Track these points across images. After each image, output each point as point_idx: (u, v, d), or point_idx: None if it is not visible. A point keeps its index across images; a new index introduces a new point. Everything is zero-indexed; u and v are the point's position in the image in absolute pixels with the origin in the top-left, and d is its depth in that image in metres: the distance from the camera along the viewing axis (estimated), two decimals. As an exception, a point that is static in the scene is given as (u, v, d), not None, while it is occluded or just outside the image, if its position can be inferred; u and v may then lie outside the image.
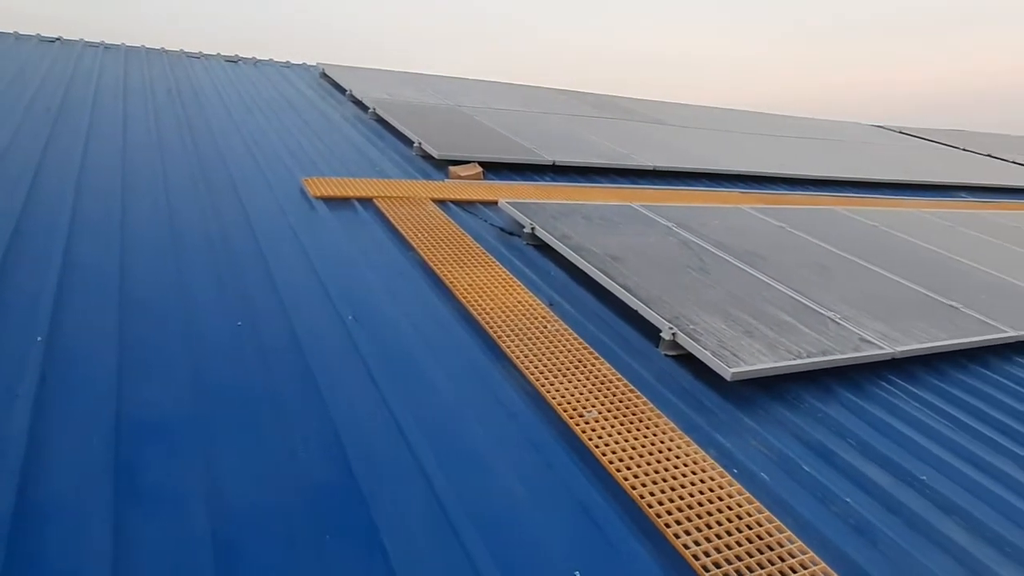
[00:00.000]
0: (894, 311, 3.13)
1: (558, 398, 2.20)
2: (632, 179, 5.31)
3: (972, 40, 25.17)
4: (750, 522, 1.81)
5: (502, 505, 1.73)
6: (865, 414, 2.45)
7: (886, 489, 2.07)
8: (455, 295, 2.84)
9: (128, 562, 1.38)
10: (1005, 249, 4.53)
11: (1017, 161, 8.76)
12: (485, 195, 4.22)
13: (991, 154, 8.99)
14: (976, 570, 1.82)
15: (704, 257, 3.45)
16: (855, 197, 5.80)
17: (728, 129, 7.81)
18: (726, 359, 2.45)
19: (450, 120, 5.88)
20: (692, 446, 2.07)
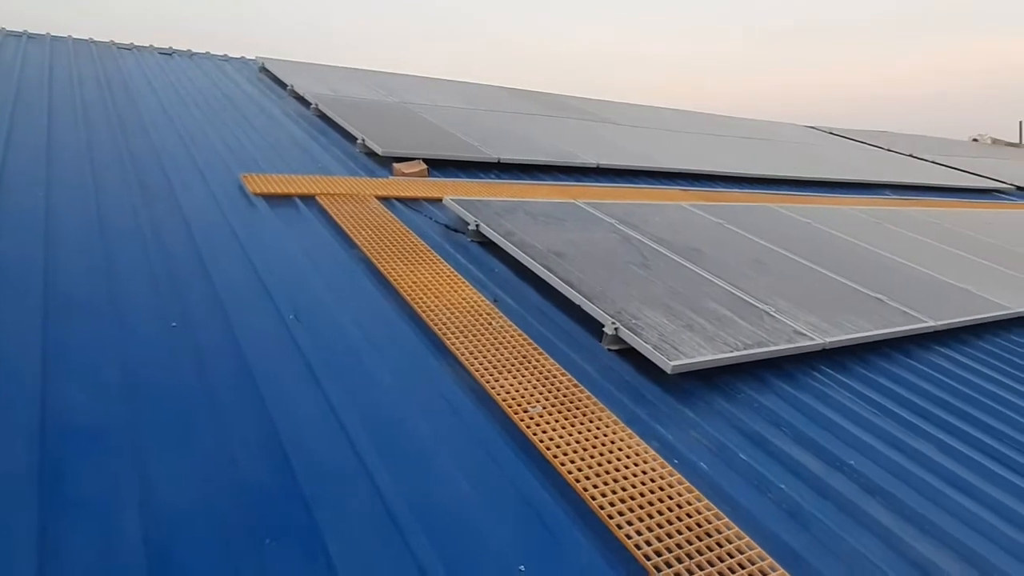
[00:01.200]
0: (825, 304, 3.26)
1: (503, 394, 2.22)
2: (577, 177, 5.37)
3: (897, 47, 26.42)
4: (690, 511, 1.86)
5: (447, 502, 1.72)
6: (798, 403, 2.55)
7: (817, 474, 2.16)
8: (399, 292, 2.82)
9: (55, 574, 1.32)
10: (926, 244, 4.77)
11: (935, 161, 9.24)
12: (430, 192, 4.20)
13: (912, 154, 9.44)
14: (898, 548, 1.91)
15: (646, 253, 3.52)
16: (790, 195, 6.01)
17: (671, 128, 7.98)
18: (667, 352, 2.50)
19: (395, 117, 5.82)
20: (634, 438, 2.11)
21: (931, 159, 9.30)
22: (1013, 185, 8.68)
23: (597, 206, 4.22)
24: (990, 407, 2.80)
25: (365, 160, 4.77)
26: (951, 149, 10.68)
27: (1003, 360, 3.28)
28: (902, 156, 9.28)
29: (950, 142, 11.87)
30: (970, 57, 25.92)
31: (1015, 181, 8.81)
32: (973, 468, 2.35)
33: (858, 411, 2.57)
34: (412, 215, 3.82)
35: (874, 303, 3.39)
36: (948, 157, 9.64)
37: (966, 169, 9.06)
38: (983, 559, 1.92)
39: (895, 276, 3.90)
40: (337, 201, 3.75)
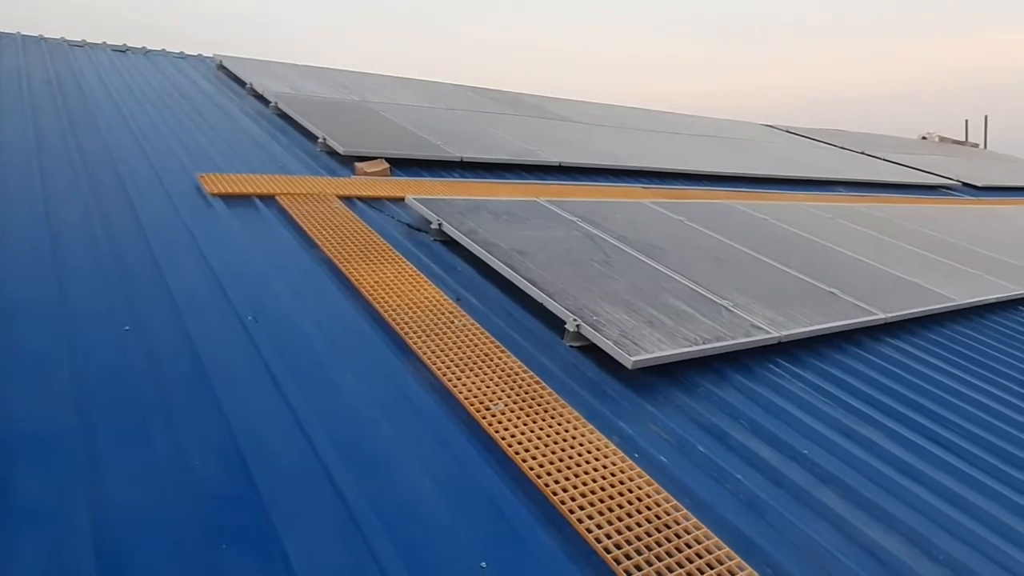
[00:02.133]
0: (781, 298, 3.34)
1: (465, 392, 2.22)
2: (539, 175, 5.39)
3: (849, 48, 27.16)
4: (649, 503, 1.89)
5: (409, 502, 1.72)
6: (755, 395, 2.61)
7: (773, 465, 2.21)
8: (361, 293, 2.80)
9: (1, 586, 1.29)
10: (877, 239, 4.92)
11: (886, 158, 9.52)
12: (392, 191, 4.18)
13: (865, 152, 9.72)
14: (850, 534, 1.98)
15: (607, 250, 3.56)
16: (748, 192, 6.14)
17: (632, 126, 8.06)
18: (627, 348, 2.54)
19: (356, 116, 5.77)
20: (595, 434, 2.14)
21: (882, 157, 9.58)
22: (960, 181, 9.00)
23: (559, 204, 4.25)
24: (937, 395, 2.90)
25: (326, 159, 4.73)
26: (901, 147, 11.02)
27: (949, 350, 3.40)
28: (855, 154, 9.54)
29: (900, 140, 12.25)
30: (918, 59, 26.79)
31: (961, 178, 9.14)
32: (921, 455, 2.44)
33: (812, 402, 2.64)
34: (374, 215, 3.79)
35: (828, 297, 3.48)
36: (898, 155, 9.95)
37: (915, 166, 9.36)
38: (929, 542, 2.00)
39: (848, 270, 4.02)
40: (298, 201, 3.71)
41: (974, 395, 2.98)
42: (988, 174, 9.99)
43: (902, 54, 26.21)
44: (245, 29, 19.95)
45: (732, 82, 25.75)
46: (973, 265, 4.69)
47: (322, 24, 22.35)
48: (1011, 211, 7.68)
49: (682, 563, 1.70)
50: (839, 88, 25.95)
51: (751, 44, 27.15)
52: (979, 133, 15.02)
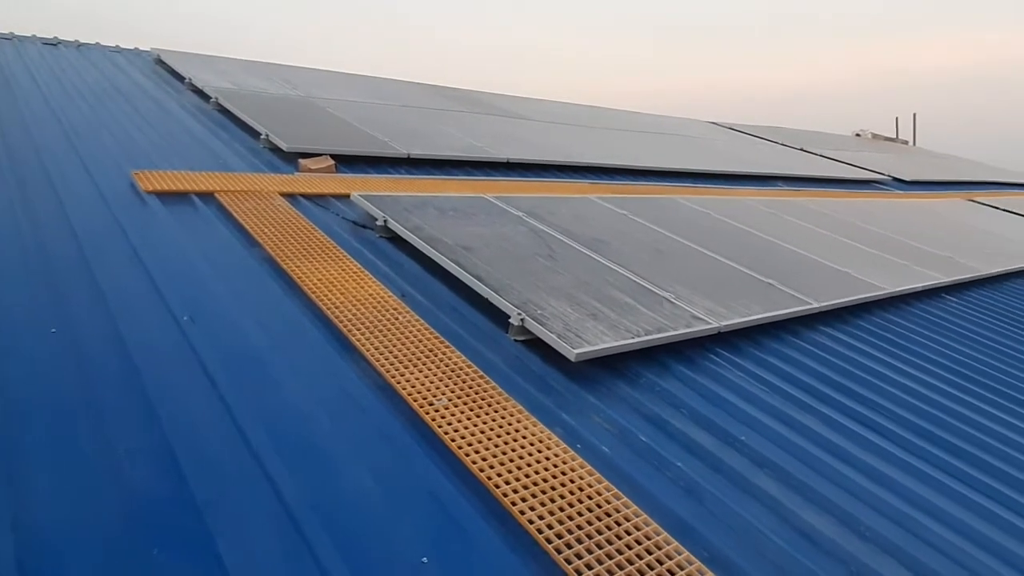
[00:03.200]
0: (722, 289, 3.43)
1: (409, 388, 2.22)
2: (487, 171, 5.40)
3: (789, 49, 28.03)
4: (591, 493, 1.92)
5: (350, 500, 1.71)
6: (695, 385, 2.68)
7: (712, 451, 2.27)
8: (304, 291, 2.76)
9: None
10: (814, 232, 5.09)
11: (823, 154, 9.87)
12: (337, 188, 4.12)
13: (803, 148, 10.05)
14: (784, 516, 2.05)
15: (552, 245, 3.60)
16: (692, 187, 6.27)
17: (579, 123, 8.14)
18: (571, 341, 2.57)
19: (300, 111, 5.67)
20: (539, 426, 2.16)
21: (819, 153, 9.92)
22: (890, 176, 9.41)
23: (506, 200, 4.27)
24: (866, 380, 3.03)
25: (269, 156, 4.63)
26: (837, 144, 11.43)
27: (878, 337, 3.56)
28: (794, 150, 9.85)
29: (836, 137, 12.70)
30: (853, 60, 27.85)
31: (892, 173, 9.55)
32: (851, 438, 2.54)
33: (750, 390, 2.73)
34: (319, 212, 3.74)
35: (766, 287, 3.59)
36: (834, 151, 10.32)
37: (850, 162, 9.73)
38: (858, 521, 2.09)
39: (785, 262, 4.15)
40: (238, 198, 3.63)
41: (901, 379, 3.13)
42: (916, 169, 10.45)
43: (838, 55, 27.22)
44: (199, 26, 19.38)
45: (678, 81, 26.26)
46: (901, 256, 4.90)
47: (292, 24, 21.86)
48: (936, 204, 8.06)
49: (622, 550, 1.74)
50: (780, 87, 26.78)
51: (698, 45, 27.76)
52: (908, 130, 15.69)
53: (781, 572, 1.82)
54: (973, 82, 29.47)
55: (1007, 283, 5.30)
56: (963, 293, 4.73)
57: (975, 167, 12.85)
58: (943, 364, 3.41)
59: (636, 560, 1.72)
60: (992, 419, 2.97)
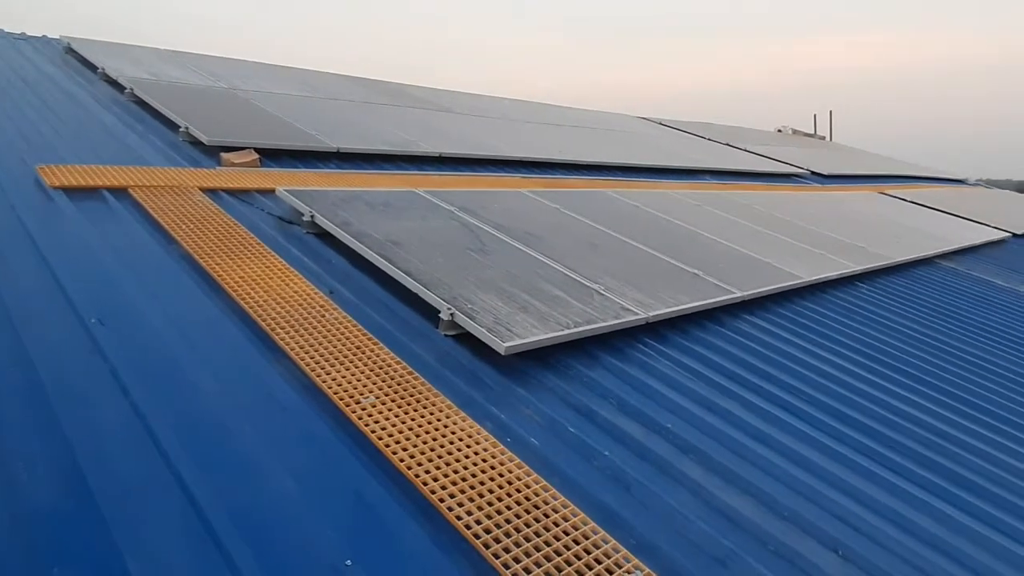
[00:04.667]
0: (650, 281, 3.50)
1: (335, 387, 2.17)
2: (419, 165, 5.34)
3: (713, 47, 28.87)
4: (519, 486, 1.93)
5: (271, 505, 1.66)
6: (624, 375, 2.72)
7: (639, 440, 2.32)
8: (224, 289, 2.66)
9: None
10: (738, 223, 5.27)
11: (748, 149, 10.24)
12: (262, 183, 4.00)
13: (729, 143, 10.39)
14: (707, 499, 2.11)
15: (484, 239, 3.59)
16: (622, 180, 6.38)
17: (511, 117, 8.15)
18: (500, 335, 2.57)
19: (223, 104, 5.46)
20: (468, 421, 2.16)
21: (744, 148, 10.27)
22: (808, 170, 9.85)
23: (437, 194, 4.23)
24: (786, 365, 3.16)
25: (189, 150, 4.45)
26: (760, 139, 11.86)
27: (797, 323, 3.71)
28: (721, 145, 10.16)
29: (760, 133, 13.18)
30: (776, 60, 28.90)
31: (810, 167, 10.00)
32: (771, 421, 2.65)
33: (677, 378, 2.80)
34: (242, 207, 3.62)
35: (692, 278, 3.69)
36: (757, 146, 10.71)
37: (772, 156, 10.12)
38: (775, 500, 2.17)
39: (711, 253, 4.27)
40: (154, 194, 3.47)
41: (817, 364, 3.27)
42: (832, 163, 10.96)
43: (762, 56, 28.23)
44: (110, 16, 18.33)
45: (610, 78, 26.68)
46: (818, 245, 5.13)
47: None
48: (850, 196, 8.48)
49: (549, 541, 1.75)
50: (708, 84, 27.58)
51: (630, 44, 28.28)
52: (826, 126, 16.44)
53: (704, 554, 1.88)
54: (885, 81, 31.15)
55: (914, 270, 5.63)
56: (874, 280, 4.99)
57: (885, 161, 13.59)
58: (856, 348, 3.59)
59: (564, 551, 1.74)
60: (901, 399, 3.15)
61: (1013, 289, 5.94)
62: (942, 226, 7.90)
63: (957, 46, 36.10)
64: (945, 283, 5.57)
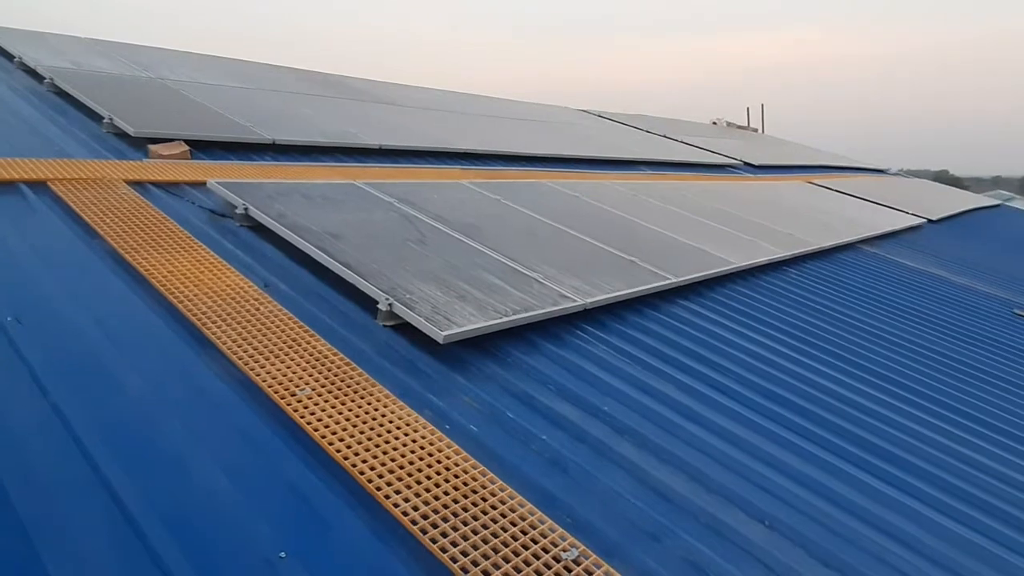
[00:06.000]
0: (587, 268, 3.57)
1: (269, 380, 2.14)
2: (358, 158, 5.28)
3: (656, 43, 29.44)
4: (457, 472, 1.95)
5: (202, 502, 1.63)
6: (563, 361, 2.77)
7: (576, 423, 2.37)
8: (152, 284, 2.58)
9: None
10: (673, 212, 5.41)
11: (683, 141, 10.50)
12: (192, 176, 3.88)
13: (666, 135, 10.63)
14: (642, 478, 2.18)
15: (423, 230, 3.58)
16: (562, 172, 6.45)
17: (454, 110, 8.12)
18: (439, 323, 2.58)
19: (151, 94, 5.26)
20: (406, 410, 2.16)
21: (680, 139, 10.53)
22: (741, 161, 10.18)
23: (377, 186, 4.20)
24: (717, 347, 3.27)
25: (115, 142, 4.28)
26: (695, 131, 12.17)
27: (729, 307, 3.85)
28: (658, 137, 10.38)
29: (695, 125, 13.52)
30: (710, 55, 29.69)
31: (743, 158, 10.34)
32: (702, 400, 2.74)
33: (614, 362, 2.86)
34: (171, 200, 3.51)
35: (628, 265, 3.78)
36: (693, 138, 10.99)
37: (707, 148, 10.41)
38: (706, 476, 2.26)
39: (646, 240, 4.38)
40: (76, 187, 3.33)
41: (748, 345, 3.40)
42: (763, 154, 11.35)
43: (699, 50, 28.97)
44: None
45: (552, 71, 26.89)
46: (749, 233, 5.32)
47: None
48: (780, 186, 8.80)
49: (487, 525, 1.78)
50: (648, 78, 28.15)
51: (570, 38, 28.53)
52: (758, 119, 16.99)
53: (638, 530, 1.94)
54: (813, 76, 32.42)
55: (838, 255, 5.90)
56: (802, 265, 5.21)
57: (813, 153, 14.15)
58: (784, 329, 3.75)
59: (501, 533, 1.77)
60: (824, 376, 3.30)
61: (927, 271, 6.30)
62: (865, 213, 8.29)
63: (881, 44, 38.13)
64: (867, 267, 5.86)
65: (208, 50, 7.89)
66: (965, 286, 6.13)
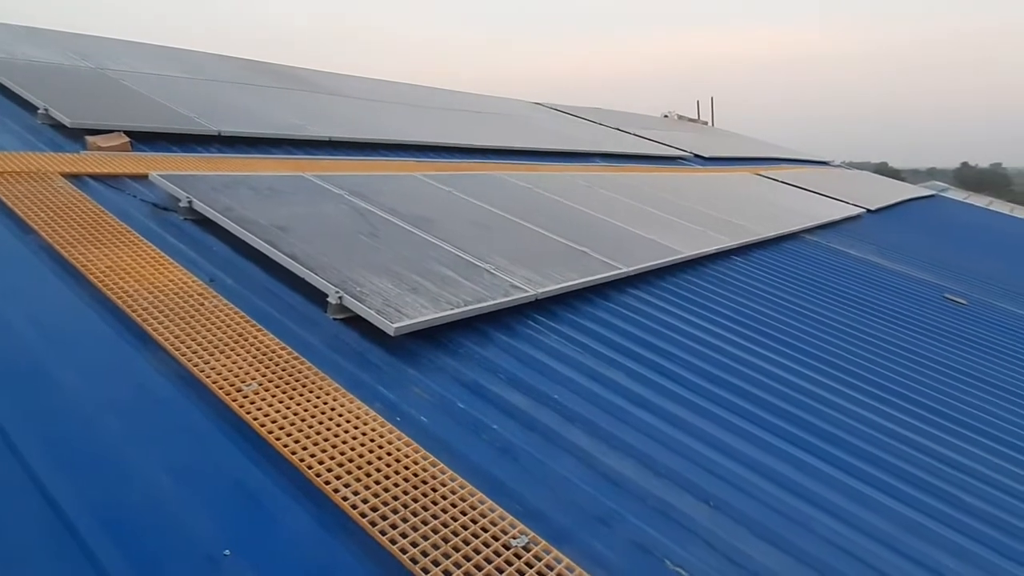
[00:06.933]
0: (539, 259, 3.59)
1: (214, 376, 2.10)
2: (307, 150, 5.19)
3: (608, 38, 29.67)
4: (408, 463, 1.95)
5: (142, 502, 1.59)
6: (514, 350, 2.79)
7: (527, 411, 2.39)
8: (90, 281, 2.50)
9: None
10: (624, 203, 5.48)
11: (636, 133, 10.64)
12: (133, 168, 3.76)
13: (619, 127, 10.76)
14: (592, 464, 2.21)
15: (375, 223, 3.55)
16: (516, 164, 6.46)
17: (407, 103, 8.05)
18: (390, 316, 2.57)
19: (90, 84, 5.07)
20: (356, 403, 2.15)
21: (633, 132, 10.67)
22: (692, 153, 10.39)
23: (328, 179, 4.14)
24: (666, 335, 3.34)
25: (50, 133, 4.11)
26: (647, 124, 12.34)
27: (677, 296, 3.92)
28: (611, 129, 10.49)
29: (647, 118, 13.71)
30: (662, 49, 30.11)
31: (693, 150, 10.55)
32: (651, 387, 2.79)
33: (565, 351, 2.89)
34: (110, 194, 3.39)
35: (580, 255, 3.82)
36: (645, 130, 11.14)
37: (658, 140, 10.57)
38: (654, 460, 2.31)
39: (599, 231, 4.43)
40: (7, 180, 3.19)
41: (696, 332, 3.48)
42: (713, 147, 11.58)
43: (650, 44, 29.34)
44: None
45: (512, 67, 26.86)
46: (698, 223, 5.43)
47: None
48: (729, 177, 9.00)
49: (437, 515, 1.79)
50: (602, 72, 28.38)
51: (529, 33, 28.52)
52: (708, 112, 17.33)
53: (587, 515, 1.97)
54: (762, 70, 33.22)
55: (783, 244, 6.08)
56: (748, 254, 5.34)
57: (761, 145, 14.51)
58: (731, 316, 3.84)
59: (451, 522, 1.77)
60: (769, 361, 3.40)
61: (866, 259, 6.54)
62: (808, 204, 8.54)
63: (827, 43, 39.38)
64: (810, 255, 6.05)
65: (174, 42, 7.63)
66: (901, 272, 6.38)
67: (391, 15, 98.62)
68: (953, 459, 2.97)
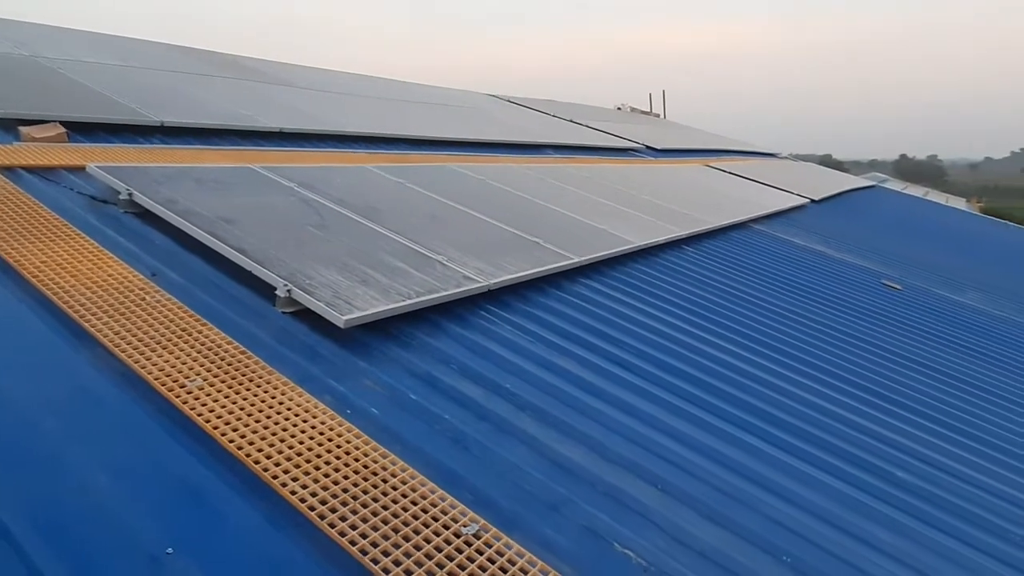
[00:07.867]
0: (492, 250, 3.60)
1: (156, 372, 2.05)
2: (255, 141, 5.08)
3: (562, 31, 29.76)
4: (358, 455, 1.94)
5: (80, 504, 1.54)
6: (466, 341, 2.80)
7: (479, 401, 2.40)
8: (23, 276, 2.40)
9: None
10: (577, 194, 5.53)
11: (589, 125, 10.73)
12: (70, 160, 3.62)
13: (572, 119, 10.83)
14: (543, 452, 2.24)
15: (324, 214, 3.50)
16: (468, 155, 6.44)
17: (355, 93, 7.94)
18: (339, 308, 2.54)
19: (23, 72, 4.86)
20: (305, 396, 2.12)
21: (586, 124, 10.75)
22: (644, 145, 10.54)
23: (276, 171, 4.06)
24: (618, 323, 3.39)
25: (-22, 124, 3.93)
26: (601, 116, 12.47)
27: (629, 285, 3.99)
28: (564, 121, 10.55)
29: (600, 110, 13.84)
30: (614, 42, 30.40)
31: (645, 142, 10.70)
32: (602, 375, 2.84)
33: (517, 341, 2.91)
34: (45, 186, 3.27)
35: (532, 246, 3.84)
36: (598, 122, 11.25)
37: (611, 132, 10.68)
38: (604, 447, 2.34)
39: (551, 222, 4.46)
40: (-69, 173, 3.04)
41: (647, 320, 3.54)
42: (665, 139, 11.78)
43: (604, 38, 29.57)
44: None
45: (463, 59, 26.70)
46: (649, 213, 5.51)
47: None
48: (679, 169, 9.16)
49: (387, 506, 1.78)
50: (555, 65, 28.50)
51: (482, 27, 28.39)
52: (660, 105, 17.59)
53: (538, 501, 2.00)
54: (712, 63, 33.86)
55: (731, 233, 6.22)
56: (699, 244, 5.45)
57: (711, 137, 14.80)
58: (681, 305, 3.92)
59: (402, 513, 1.77)
60: (717, 348, 3.49)
61: (810, 247, 6.75)
62: (756, 194, 8.76)
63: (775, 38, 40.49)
64: (757, 244, 6.21)
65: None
66: (842, 260, 6.61)
67: (333, 3, 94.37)
68: (888, 437, 3.09)
